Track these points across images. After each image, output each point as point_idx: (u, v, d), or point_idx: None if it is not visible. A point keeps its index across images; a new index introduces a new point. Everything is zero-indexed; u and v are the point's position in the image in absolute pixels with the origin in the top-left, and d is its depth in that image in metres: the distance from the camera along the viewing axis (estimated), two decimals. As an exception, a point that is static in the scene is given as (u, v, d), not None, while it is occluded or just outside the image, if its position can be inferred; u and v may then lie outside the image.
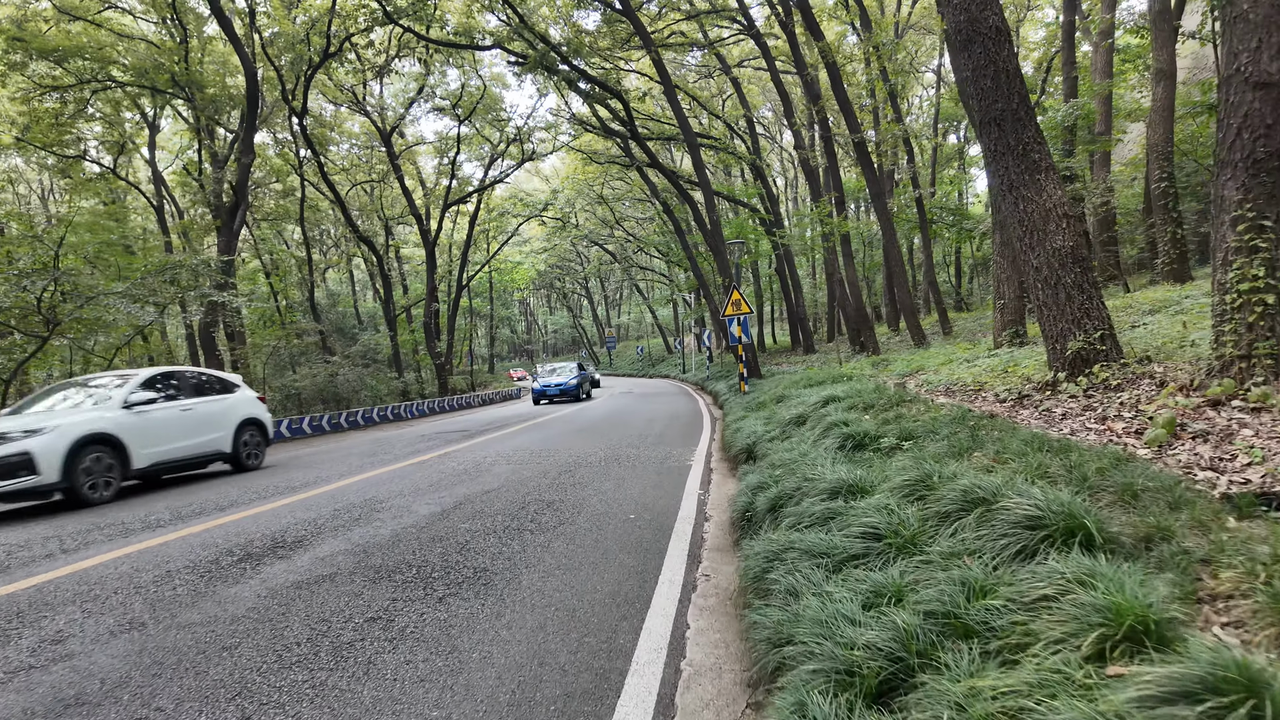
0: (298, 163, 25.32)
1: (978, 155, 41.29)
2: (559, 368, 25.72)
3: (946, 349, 13.78)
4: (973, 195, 49.41)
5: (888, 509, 2.89)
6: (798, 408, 7.21)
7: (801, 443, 5.63)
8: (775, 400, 9.13)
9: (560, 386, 23.74)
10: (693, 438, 11.04)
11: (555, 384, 23.82)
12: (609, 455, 9.21)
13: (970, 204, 44.68)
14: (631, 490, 6.64)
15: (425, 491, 6.99)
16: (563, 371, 25.05)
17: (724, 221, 24.86)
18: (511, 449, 10.47)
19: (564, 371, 25.02)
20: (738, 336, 14.84)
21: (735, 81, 28.01)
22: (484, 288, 49.48)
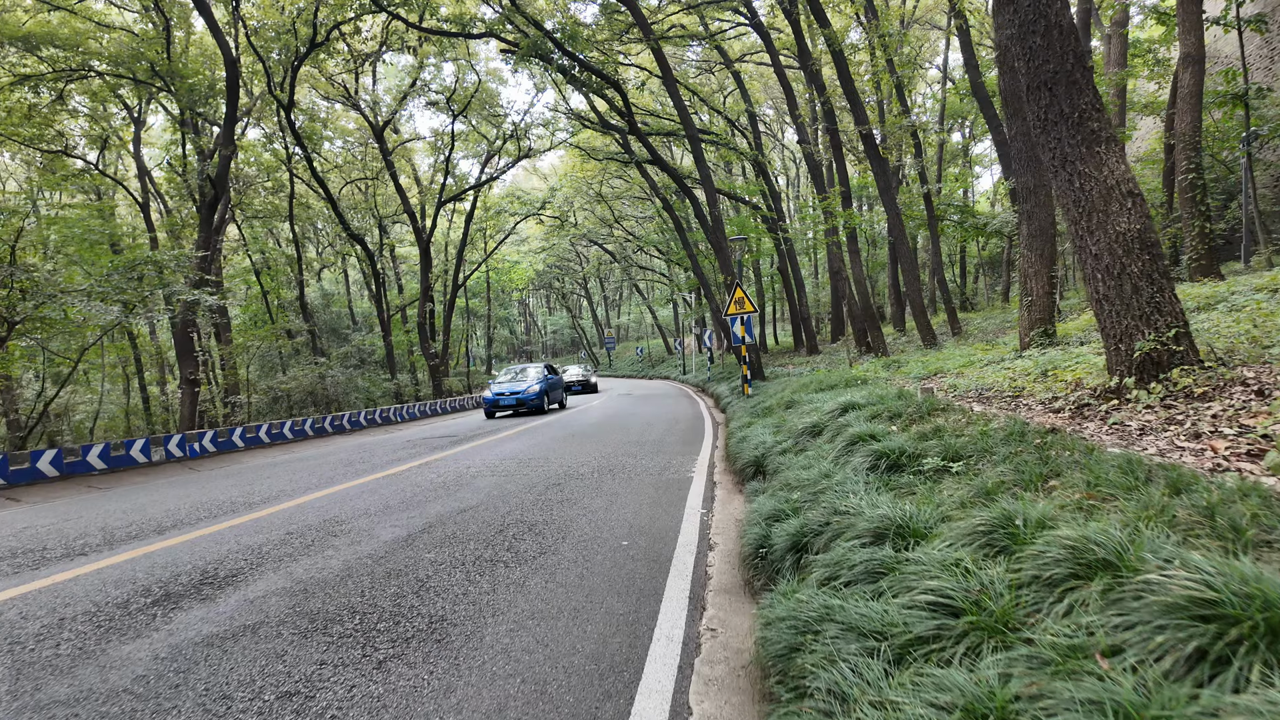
0: (286, 157, 24.55)
1: (980, 155, 40.66)
2: (519, 370, 20.52)
3: (962, 350, 13.03)
4: (974, 194, 48.69)
5: (960, 567, 2.14)
6: (811, 415, 6.46)
7: (820, 458, 4.88)
8: (784, 405, 8.38)
9: (517, 396, 18.17)
10: (693, 445, 10.29)
11: (510, 392, 18.31)
12: (603, 465, 8.46)
13: (973, 202, 43.96)
14: (625, 509, 5.89)
15: (395, 510, 6.24)
16: (523, 376, 19.85)
17: (725, 219, 24.12)
18: (498, 457, 9.72)
19: (524, 376, 19.83)
20: (740, 337, 14.09)
21: (737, 75, 27.27)
22: (481, 288, 48.75)
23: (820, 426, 5.94)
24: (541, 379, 19.21)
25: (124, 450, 10.99)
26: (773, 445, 6.21)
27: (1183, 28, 13.22)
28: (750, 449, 6.54)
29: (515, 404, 18.10)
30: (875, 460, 3.90)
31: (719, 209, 18.03)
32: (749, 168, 37.88)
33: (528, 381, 19.04)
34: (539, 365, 20.62)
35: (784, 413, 7.91)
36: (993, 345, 12.32)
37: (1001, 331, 17.07)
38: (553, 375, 20.57)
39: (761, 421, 8.15)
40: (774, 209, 28.13)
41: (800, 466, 4.85)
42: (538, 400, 18.33)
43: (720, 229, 17.45)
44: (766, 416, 8.69)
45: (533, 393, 18.30)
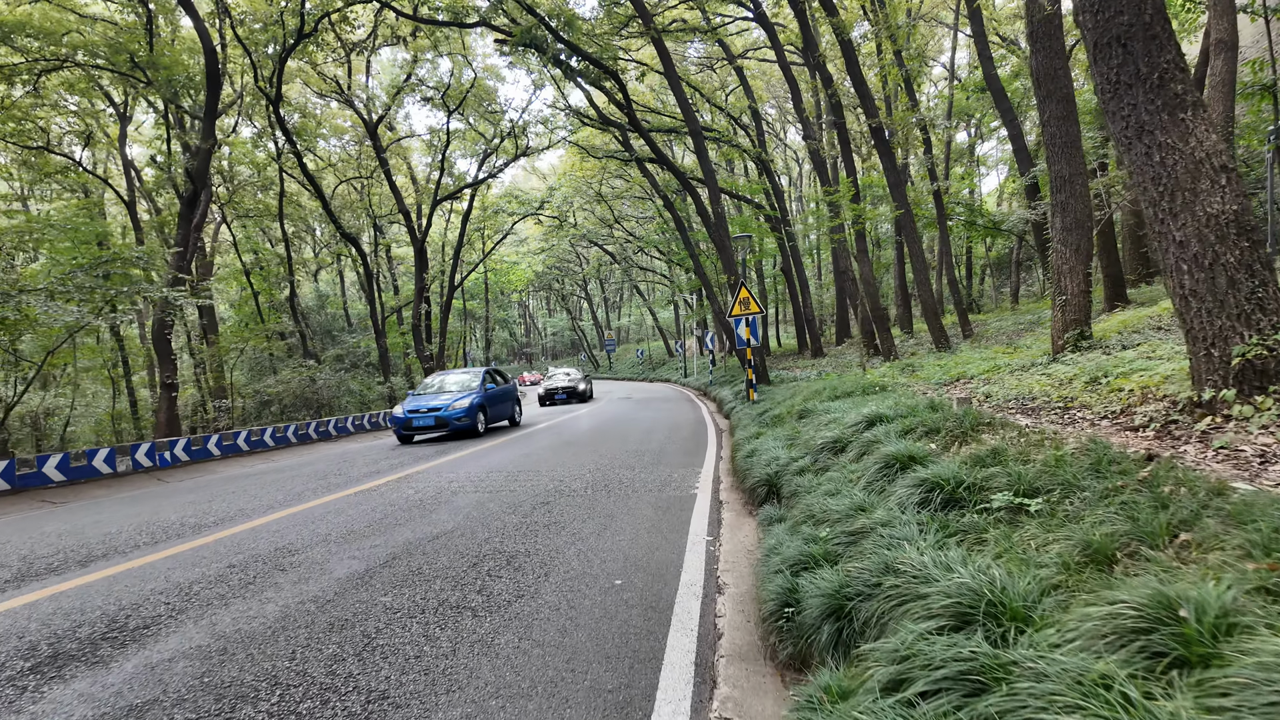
0: (276, 154, 23.86)
1: (984, 155, 39.94)
2: (447, 378, 15.27)
3: (980, 353, 12.29)
4: (978, 196, 47.94)
5: (1112, 692, 1.40)
6: (831, 429, 5.73)
7: (849, 483, 4.15)
8: (796, 415, 7.64)
9: (439, 414, 13.26)
10: (696, 455, 9.55)
11: (429, 408, 13.40)
12: (598, 480, 7.72)
13: (978, 203, 43.20)
14: (620, 535, 5.15)
15: (358, 536, 5.50)
16: (450, 384, 14.92)
17: (728, 219, 23.38)
18: (484, 470, 8.98)
19: (453, 384, 14.90)
20: (745, 339, 13.36)
21: (740, 70, 26.57)
22: (480, 289, 48.05)
23: (843, 442, 5.20)
24: (478, 390, 14.26)
25: (85, 460, 10.25)
26: (787, 462, 5.48)
27: (1214, 12, 12.52)
28: (761, 465, 5.80)
29: (434, 422, 13.30)
30: (925, 493, 3.16)
31: (722, 206, 17.30)
32: (751, 168, 37.19)
33: (455, 392, 14.24)
34: (476, 370, 15.32)
35: (797, 423, 7.17)
36: (1014, 348, 11.58)
37: (1018, 333, 16.33)
38: (497, 385, 15.37)
39: (771, 432, 7.42)
40: (777, 208, 27.41)
41: (825, 492, 4.11)
42: (468, 417, 13.42)
43: (724, 226, 16.72)
44: (776, 426, 7.96)
45: (461, 410, 13.40)
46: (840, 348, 28.13)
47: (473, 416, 13.55)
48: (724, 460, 9.03)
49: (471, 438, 13.48)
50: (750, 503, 5.82)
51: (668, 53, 16.23)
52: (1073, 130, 7.78)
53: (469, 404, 13.62)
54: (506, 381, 16.29)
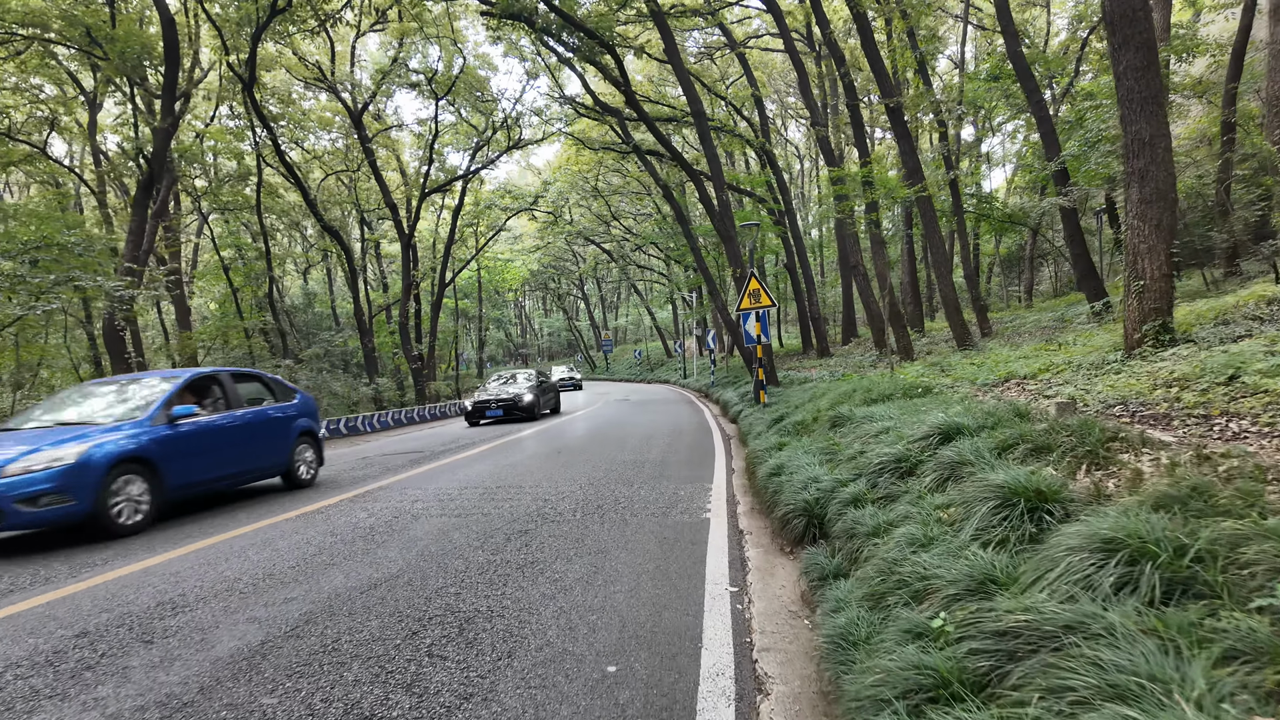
0: (254, 142, 22.55)
1: (989, 150, 38.80)
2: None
3: (1015, 351, 11.09)
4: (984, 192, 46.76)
5: None
6: (888, 442, 4.48)
7: (942, 526, 2.90)
8: (827, 422, 6.37)
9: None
10: (703, 466, 8.31)
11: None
12: (589, 499, 6.48)
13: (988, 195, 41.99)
14: (616, 584, 3.90)
15: (274, 584, 4.24)
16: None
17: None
18: (458, 485, 7.72)
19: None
20: (755, 336, 12.11)
21: (742, 57, 25.36)
22: (473, 287, 46.76)
23: (909, 461, 3.95)
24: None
25: None
26: (833, 486, 4.23)
27: (1273, -26, 11.34)
28: (795, 488, 4.55)
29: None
30: (1122, 567, 1.90)
31: (727, 194, 16.08)
32: (753, 162, 35.99)
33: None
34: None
35: (830, 433, 5.92)
36: (1057, 345, 10.37)
37: (1046, 331, 15.12)
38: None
39: (798, 443, 6.17)
40: (781, 201, 26.20)
41: (906, 539, 2.87)
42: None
43: (728, 215, 15.49)
44: (801, 435, 6.72)
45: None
46: (847, 347, 26.92)
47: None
48: (736, 473, 7.79)
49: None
50: (782, 536, 4.57)
51: (668, 26, 15.00)
52: (1154, 84, 6.55)
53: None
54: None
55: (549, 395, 19.14)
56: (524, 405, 16.81)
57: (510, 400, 16.83)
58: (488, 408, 16.77)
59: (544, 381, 19.08)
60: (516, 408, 16.75)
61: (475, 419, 16.99)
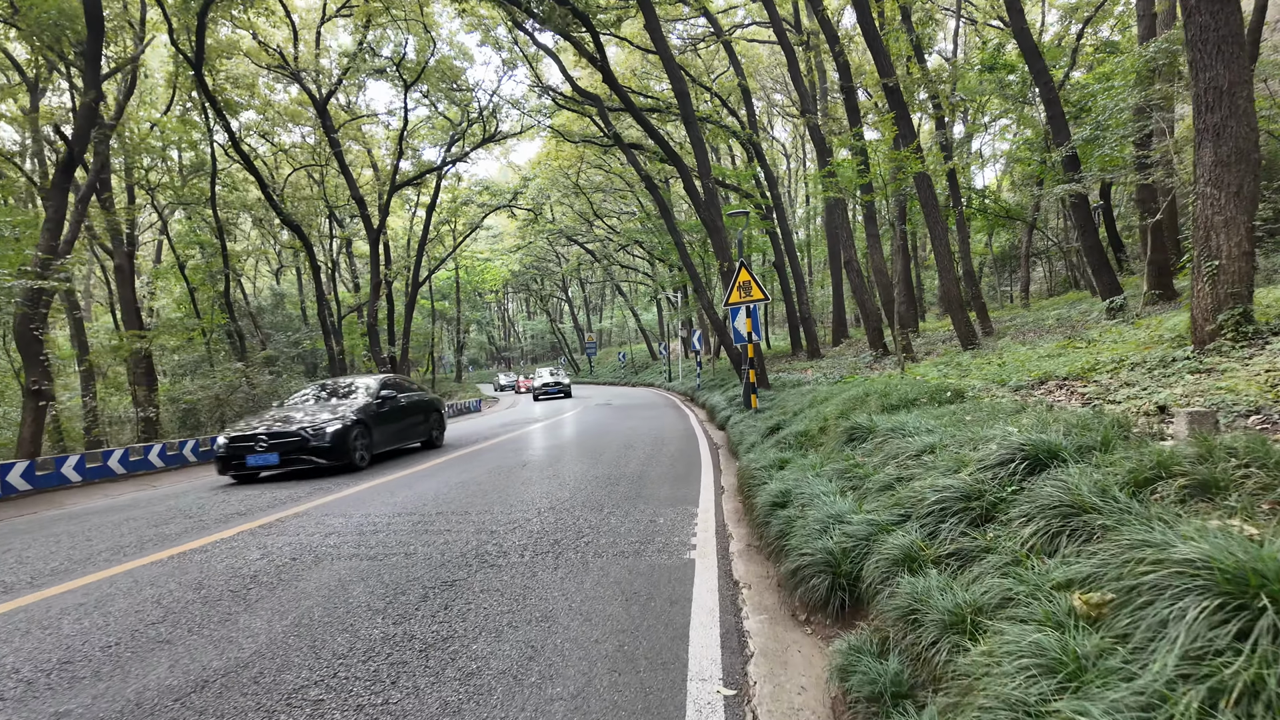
0: (207, 129, 21.01)
1: (977, 150, 38.03)
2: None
3: (1037, 349, 9.97)
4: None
5: None
6: (939, 470, 3.26)
7: (1076, 620, 1.68)
8: (840, 436, 5.10)
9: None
10: (687, 482, 7.08)
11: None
12: (544, 530, 5.22)
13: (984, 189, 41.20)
14: (556, 686, 2.64)
15: (65, 680, 2.93)
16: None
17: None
18: (392, 510, 6.41)
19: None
20: (746, 334, 10.89)
21: (728, 45, 24.23)
22: (451, 288, 45.26)
23: (985, 499, 2.72)
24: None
25: None
26: (866, 531, 3.00)
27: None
28: (810, 530, 3.32)
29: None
30: None
31: (713, 181, 14.88)
32: (739, 158, 34.92)
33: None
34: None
35: (847, 449, 4.69)
36: (1084, 341, 9.26)
37: (1061, 328, 14.07)
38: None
39: (803, 460, 4.94)
40: (770, 195, 25.09)
41: (1043, 663, 1.63)
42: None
43: (714, 204, 14.29)
44: (806, 450, 5.50)
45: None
46: (838, 349, 25.84)
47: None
48: (727, 493, 6.56)
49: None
50: (794, 597, 3.32)
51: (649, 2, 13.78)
52: (1233, 20, 5.42)
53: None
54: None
55: (405, 423, 11.23)
56: (321, 444, 9.10)
57: (294, 438, 9.14)
58: (248, 450, 9.08)
59: (388, 399, 10.78)
60: (304, 450, 9.10)
61: (229, 467, 9.23)
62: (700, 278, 19.23)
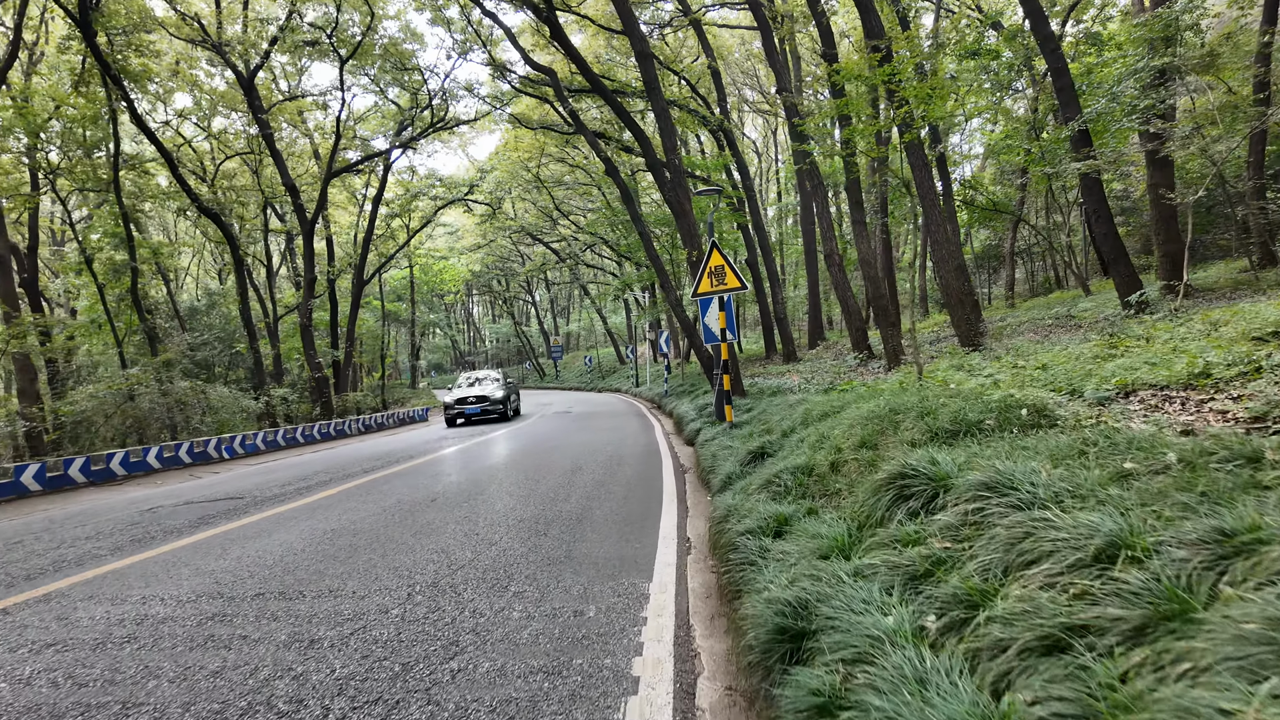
0: (109, 108, 18.39)
1: (953, 149, 36.92)
2: None
3: (1072, 350, 8.26)
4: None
5: None
6: (1067, 548, 1.36)
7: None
8: (882, 490, 3.06)
9: None
10: (643, 526, 5.13)
11: None
12: (398, 640, 3.20)
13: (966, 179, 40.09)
14: None
15: None
16: None
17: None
18: (197, 589, 4.30)
19: None
20: (719, 331, 8.95)
21: (697, 24, 22.42)
22: (406, 288, 42.63)
23: None
24: None
25: None
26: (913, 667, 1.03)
27: None
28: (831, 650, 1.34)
29: None
30: None
31: (679, 157, 12.98)
32: (709, 151, 33.16)
33: None
34: None
35: (903, 517, 2.71)
36: (1132, 339, 7.55)
37: (1065, 328, 12.50)
38: None
39: (820, 528, 2.98)
40: (743, 187, 23.33)
41: None
42: None
43: (681, 184, 12.39)
44: (813, 501, 3.57)
45: None
46: (814, 351, 24.15)
47: None
48: (694, 549, 4.63)
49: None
50: None
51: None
52: None
53: None
54: None
55: None
56: None
57: None
58: None
59: None
60: None
61: None
62: (667, 272, 17.35)
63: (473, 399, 18.64)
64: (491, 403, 18.66)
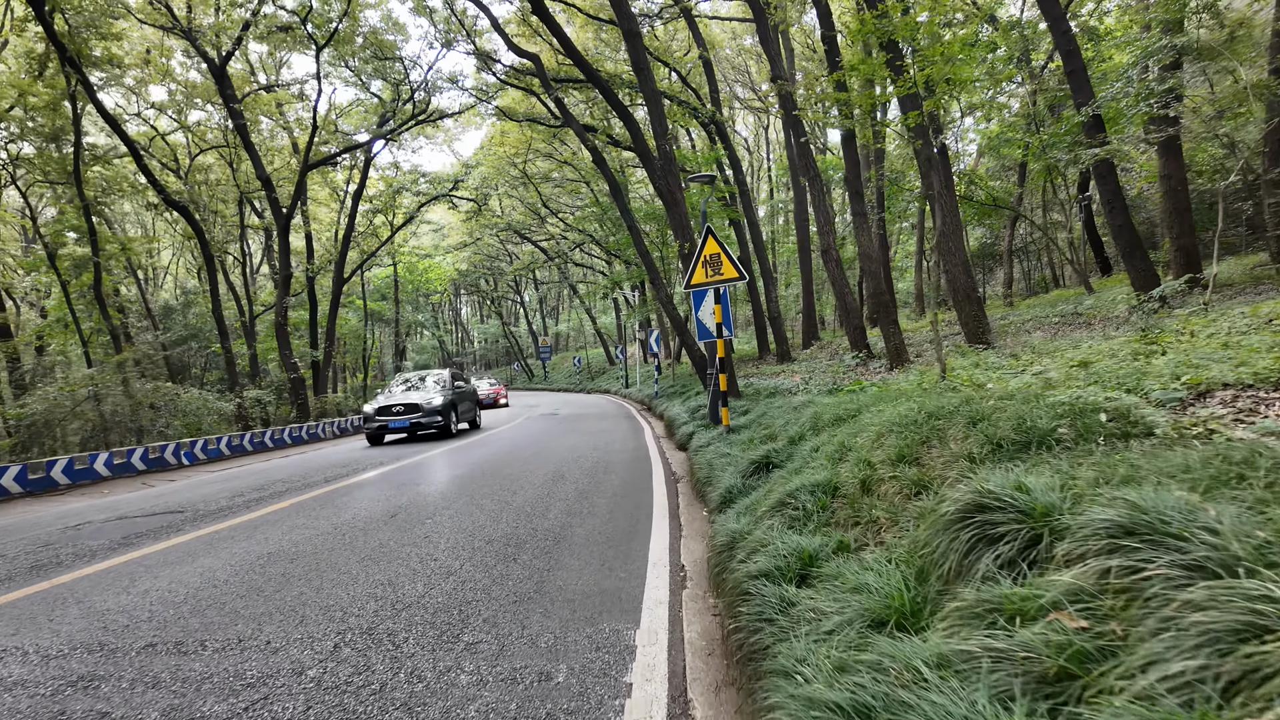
0: (69, 94, 17.41)
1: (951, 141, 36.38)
2: None
3: (1098, 348, 7.59)
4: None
5: None
6: None
7: None
8: (949, 524, 2.27)
9: None
10: (629, 550, 4.35)
11: None
12: (361, 669, 2.41)
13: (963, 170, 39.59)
14: None
15: None
16: None
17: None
18: (72, 640, 3.48)
19: None
20: (714, 327, 8.17)
21: (687, 13, 21.68)
22: (390, 287, 41.60)
23: None
24: None
25: None
26: None
27: None
28: None
29: None
30: None
31: (669, 142, 12.22)
32: (700, 145, 32.43)
33: None
34: None
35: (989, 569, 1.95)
36: (1172, 335, 6.85)
37: (1068, 326, 11.84)
38: None
39: (862, 575, 2.22)
40: (735, 181, 22.60)
41: None
42: None
43: (672, 171, 11.64)
44: (843, 532, 2.80)
45: None
46: (809, 351, 23.44)
47: None
48: (691, 579, 3.88)
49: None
50: None
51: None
52: None
53: None
54: None
55: None
56: None
57: None
58: None
59: None
60: None
61: None
62: (657, 269, 16.60)
63: (399, 408, 14.01)
64: (425, 413, 13.92)
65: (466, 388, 16.76)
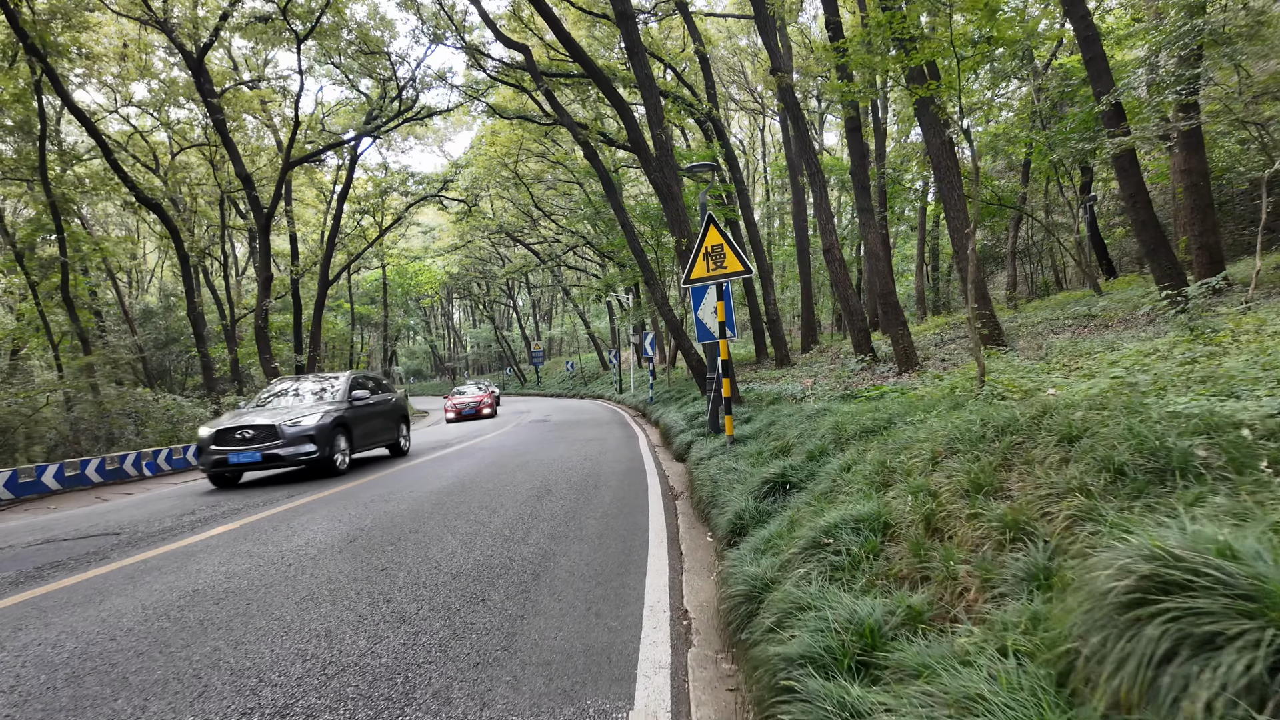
0: (33, 82, 16.55)
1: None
2: None
3: (1142, 349, 6.90)
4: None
5: None
6: None
7: None
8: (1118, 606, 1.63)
9: None
10: (622, 588, 3.58)
11: None
12: None
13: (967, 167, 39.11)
14: None
15: None
16: None
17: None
18: (7, 666, 2.69)
19: None
20: (715, 327, 7.43)
21: (683, 7, 21.03)
22: (379, 291, 40.74)
23: None
24: None
25: None
26: None
27: None
28: None
29: None
30: None
31: (665, 133, 11.50)
32: (696, 143, 31.79)
33: None
34: None
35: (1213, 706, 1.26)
36: (1231, 335, 6.15)
37: (1082, 329, 11.17)
38: None
39: (947, 677, 1.47)
40: (732, 180, 21.93)
41: None
42: None
43: (668, 163, 10.92)
44: (899, 592, 2.03)
45: None
46: (807, 355, 22.74)
47: None
48: (697, 634, 3.12)
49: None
50: None
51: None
52: None
53: None
54: None
55: None
56: None
57: None
58: None
59: None
60: None
61: None
62: (652, 269, 15.88)
63: (246, 433, 9.22)
64: (287, 440, 9.21)
65: (377, 402, 11.58)
